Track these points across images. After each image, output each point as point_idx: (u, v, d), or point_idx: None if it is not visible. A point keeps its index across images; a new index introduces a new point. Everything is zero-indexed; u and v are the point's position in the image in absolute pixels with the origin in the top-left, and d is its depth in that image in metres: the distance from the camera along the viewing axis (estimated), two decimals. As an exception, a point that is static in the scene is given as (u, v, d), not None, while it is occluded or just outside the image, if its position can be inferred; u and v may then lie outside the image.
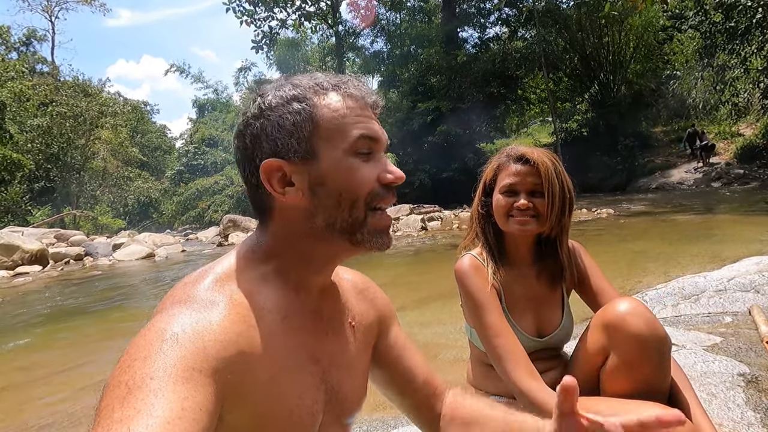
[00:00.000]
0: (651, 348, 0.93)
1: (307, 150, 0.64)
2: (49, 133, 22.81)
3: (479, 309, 1.11)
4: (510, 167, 1.18)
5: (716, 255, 4.72)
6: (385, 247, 0.68)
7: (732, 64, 14.59)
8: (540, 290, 1.21)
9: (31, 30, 32.69)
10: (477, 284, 1.13)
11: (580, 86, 21.79)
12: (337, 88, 0.67)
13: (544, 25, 19.62)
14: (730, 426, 1.46)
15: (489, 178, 1.23)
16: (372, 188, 0.65)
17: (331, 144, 0.64)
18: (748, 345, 2.11)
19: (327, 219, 0.64)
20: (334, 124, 0.64)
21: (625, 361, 0.95)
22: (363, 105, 0.68)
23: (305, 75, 0.69)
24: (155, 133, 37.93)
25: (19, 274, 9.25)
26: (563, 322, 1.20)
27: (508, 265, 1.21)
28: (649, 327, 0.93)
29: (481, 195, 1.24)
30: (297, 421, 0.63)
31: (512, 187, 1.16)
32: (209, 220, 25.01)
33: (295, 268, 0.67)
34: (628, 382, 0.95)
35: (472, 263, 1.16)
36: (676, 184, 15.28)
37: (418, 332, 3.30)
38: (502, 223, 1.18)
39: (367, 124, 0.66)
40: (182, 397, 0.47)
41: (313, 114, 0.64)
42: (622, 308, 0.96)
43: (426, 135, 19.94)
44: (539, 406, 0.97)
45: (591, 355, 1.03)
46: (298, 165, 0.64)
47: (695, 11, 14.30)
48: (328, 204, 0.64)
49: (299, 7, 20.61)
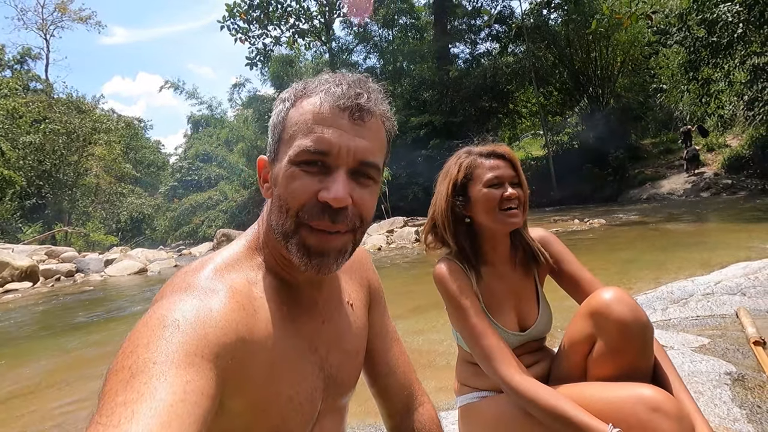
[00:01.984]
0: (635, 334, 0.96)
1: (274, 152, 0.66)
2: (41, 149, 22.74)
3: (462, 311, 1.12)
4: (486, 162, 1.19)
5: (705, 262, 4.79)
6: (313, 269, 0.63)
7: (716, 78, 14.94)
8: (517, 283, 1.23)
9: (26, 48, 32.85)
10: (456, 287, 1.13)
11: (570, 100, 22.19)
12: (319, 91, 0.64)
13: (533, 41, 20.07)
14: (716, 422, 1.48)
15: (458, 178, 1.20)
16: (304, 203, 0.61)
17: (285, 149, 0.64)
18: (735, 346, 2.14)
19: (274, 220, 0.65)
20: (293, 130, 0.64)
21: (610, 347, 0.98)
22: (335, 110, 0.62)
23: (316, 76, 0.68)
24: (149, 149, 37.92)
25: (9, 291, 9.11)
26: (540, 311, 1.22)
27: (485, 264, 1.21)
28: (632, 313, 0.96)
29: (450, 196, 1.20)
30: (296, 407, 0.64)
31: (498, 179, 1.17)
32: (203, 235, 24.88)
33: (276, 261, 0.68)
34: (614, 367, 0.98)
35: (450, 267, 1.17)
36: (667, 194, 15.49)
37: (412, 340, 3.30)
38: (491, 219, 1.17)
39: (322, 134, 0.61)
40: (184, 381, 0.47)
41: (286, 117, 0.66)
42: (607, 296, 1.00)
43: (419, 149, 20.12)
44: (529, 399, 0.99)
45: (578, 343, 1.05)
46: (270, 164, 0.67)
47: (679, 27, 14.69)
48: (274, 207, 0.65)
49: (293, 24, 20.97)
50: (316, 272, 0.63)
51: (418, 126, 20.15)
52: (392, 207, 15.14)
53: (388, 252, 9.90)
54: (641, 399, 0.88)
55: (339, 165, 0.62)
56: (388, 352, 0.88)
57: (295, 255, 0.63)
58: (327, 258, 0.63)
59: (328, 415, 0.72)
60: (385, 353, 0.87)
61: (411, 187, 18.74)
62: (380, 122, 0.66)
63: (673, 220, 9.63)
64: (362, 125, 0.63)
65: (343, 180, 0.61)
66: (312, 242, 0.62)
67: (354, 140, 0.62)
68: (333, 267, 0.64)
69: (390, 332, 0.90)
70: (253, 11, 19.83)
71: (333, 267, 0.64)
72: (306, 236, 0.62)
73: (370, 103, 0.64)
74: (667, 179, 16.47)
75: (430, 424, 0.89)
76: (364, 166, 0.64)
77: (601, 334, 1.00)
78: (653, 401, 0.87)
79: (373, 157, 0.64)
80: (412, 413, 0.89)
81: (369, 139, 0.64)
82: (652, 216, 10.84)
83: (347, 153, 0.62)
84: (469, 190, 1.20)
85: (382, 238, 11.38)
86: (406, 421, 0.88)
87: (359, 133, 0.63)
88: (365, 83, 0.66)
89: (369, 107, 0.64)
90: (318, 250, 0.62)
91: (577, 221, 10.55)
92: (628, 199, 16.50)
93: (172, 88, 38.98)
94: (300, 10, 20.78)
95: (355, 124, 0.63)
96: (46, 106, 24.55)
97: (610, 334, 0.97)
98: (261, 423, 0.61)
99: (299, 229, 0.62)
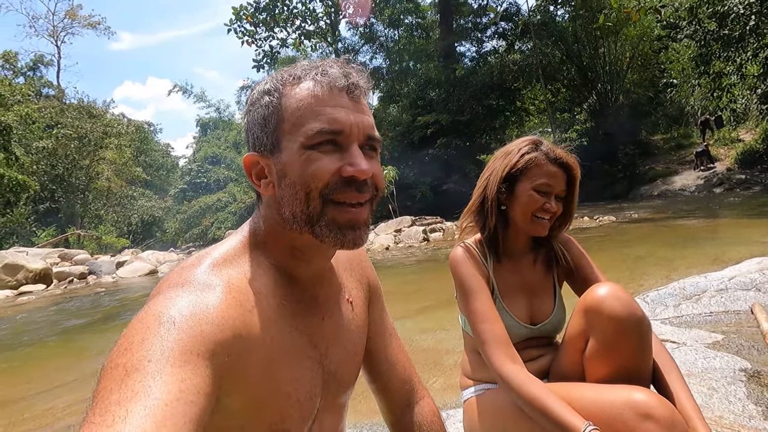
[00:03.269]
0: (628, 329, 0.94)
1: (273, 143, 0.64)
2: (54, 154, 23.13)
3: (469, 295, 1.12)
4: (547, 167, 1.15)
5: (718, 258, 4.70)
6: (350, 243, 0.64)
7: (728, 71, 14.67)
8: (534, 279, 1.23)
9: (38, 56, 33.44)
10: (468, 271, 1.14)
11: (578, 96, 21.96)
12: (310, 76, 0.65)
13: (540, 37, 19.90)
14: (731, 419, 1.44)
15: (517, 167, 1.16)
16: (328, 181, 0.62)
17: (291, 137, 0.63)
18: (751, 342, 2.10)
19: (290, 211, 0.64)
20: (296, 117, 0.63)
21: (603, 344, 0.96)
22: (334, 91, 0.64)
23: (290, 66, 0.69)
24: (159, 152, 38.37)
25: (23, 293, 9.28)
26: (555, 310, 1.21)
27: (505, 254, 1.22)
28: (625, 308, 0.94)
29: (500, 181, 1.17)
30: (295, 404, 0.63)
31: (548, 188, 1.15)
32: (212, 237, 25.12)
33: (282, 256, 0.67)
34: (609, 365, 0.96)
35: (467, 251, 1.17)
36: (678, 190, 15.26)
37: (420, 338, 3.29)
38: (521, 219, 1.16)
39: (332, 114, 0.63)
40: (180, 380, 0.47)
41: (279, 107, 0.64)
42: (601, 292, 0.98)
43: (426, 148, 20.09)
44: (515, 387, 0.99)
45: (574, 340, 1.04)
46: (268, 158, 0.65)
47: (689, 20, 14.44)
48: (288, 196, 0.64)
49: (299, 26, 21.04)
50: (351, 246, 0.64)
51: (425, 125, 20.10)
52: (399, 206, 15.11)
53: (396, 251, 9.89)
54: (631, 404, 0.85)
55: (351, 141, 0.64)
56: (387, 348, 0.88)
57: (326, 236, 0.63)
58: (358, 230, 0.65)
59: (328, 412, 0.71)
60: (384, 350, 0.87)
61: (418, 187, 18.71)
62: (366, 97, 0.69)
63: (685, 217, 9.47)
64: (358, 102, 0.66)
65: (359, 154, 0.63)
66: (342, 218, 0.63)
67: (358, 117, 0.65)
68: (364, 238, 0.66)
69: (389, 328, 0.90)
70: (260, 14, 19.95)
71: (364, 238, 0.66)
72: (335, 214, 0.63)
73: (361, 80, 0.66)
74: (679, 175, 16.24)
75: (431, 416, 0.89)
76: (369, 140, 0.66)
77: (593, 330, 0.98)
78: (644, 407, 0.84)
79: (374, 131, 0.67)
80: (413, 407, 0.89)
81: (367, 114, 0.67)
82: (663, 212, 10.69)
83: (357, 129, 0.64)
84: (517, 181, 1.17)
85: (390, 237, 11.37)
86: (407, 415, 0.88)
87: (358, 109, 0.65)
88: (348, 63, 0.68)
89: (361, 85, 0.66)
90: (350, 225, 0.64)
91: (586, 219, 10.43)
92: (639, 195, 16.30)
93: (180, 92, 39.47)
94: (306, 12, 20.84)
95: (353, 102, 0.65)
96: (58, 112, 24.94)
97: (604, 330, 0.96)
98: (259, 420, 0.60)
99: (326, 209, 0.63)
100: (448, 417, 1.74)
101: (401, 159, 19.69)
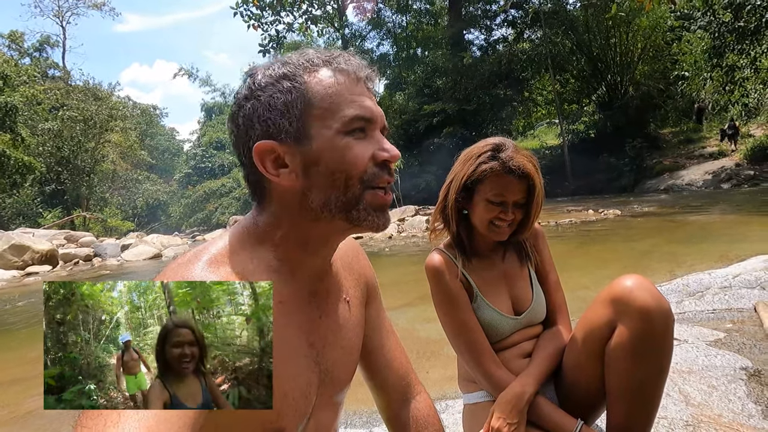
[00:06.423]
0: (657, 321, 0.95)
1: (299, 130, 0.62)
2: (59, 136, 23.19)
3: (449, 306, 1.15)
4: (502, 178, 1.14)
5: (723, 255, 4.66)
6: (382, 226, 0.66)
7: (742, 64, 14.40)
8: (508, 269, 1.25)
9: (45, 36, 33.27)
10: (446, 282, 1.16)
11: (587, 88, 21.67)
12: (328, 64, 0.64)
13: (550, 26, 19.57)
14: (730, 417, 1.44)
15: (473, 177, 1.17)
16: (366, 167, 0.63)
17: (323, 123, 0.62)
18: (753, 341, 2.09)
19: (323, 198, 0.63)
20: (327, 103, 0.62)
21: (631, 333, 0.97)
22: (355, 80, 0.65)
23: (296, 52, 0.67)
24: (164, 136, 38.39)
25: (30, 274, 9.40)
26: (534, 296, 1.23)
27: (475, 253, 1.24)
28: (655, 301, 0.96)
29: (458, 189, 1.19)
30: (291, 403, 0.63)
31: (502, 198, 1.14)
32: (216, 222, 25.26)
33: (291, 249, 0.66)
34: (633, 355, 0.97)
35: (442, 260, 1.19)
36: (686, 185, 15.11)
37: (420, 328, 3.30)
38: (482, 227, 1.18)
39: (361, 102, 0.64)
40: None
41: (305, 92, 0.62)
42: (629, 283, 0.99)
43: (432, 137, 19.95)
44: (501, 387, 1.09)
45: (596, 329, 1.04)
46: (290, 146, 0.62)
47: (704, 11, 14.16)
48: (322, 183, 0.62)
49: (306, 10, 20.80)
50: (383, 228, 0.67)
51: (431, 114, 19.94)
52: (403, 195, 15.09)
53: (399, 240, 9.90)
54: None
55: (377, 128, 0.66)
56: (384, 346, 0.88)
57: (364, 220, 0.65)
58: (388, 213, 0.68)
59: (323, 410, 0.71)
60: (381, 348, 0.87)
61: (423, 176, 18.64)
62: None
63: (692, 212, 9.40)
64: (371, 92, 0.68)
65: (386, 140, 0.67)
66: (377, 202, 0.65)
67: (377, 106, 0.68)
68: (390, 220, 0.70)
69: (386, 326, 0.90)
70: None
71: (390, 220, 0.70)
72: (371, 198, 0.65)
73: (373, 72, 0.69)
74: (687, 170, 16.05)
75: (428, 410, 0.90)
76: (384, 129, 0.69)
77: (622, 320, 0.99)
78: None
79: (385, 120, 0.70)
80: (409, 403, 0.89)
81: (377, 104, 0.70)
82: (670, 207, 10.61)
83: (381, 117, 0.67)
84: (475, 188, 1.18)
85: (393, 226, 11.36)
86: (404, 411, 0.89)
87: (372, 98, 0.68)
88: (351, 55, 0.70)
89: (374, 77, 0.69)
90: (382, 208, 0.67)
91: (591, 212, 10.37)
92: (645, 189, 16.16)
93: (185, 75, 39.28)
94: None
95: (369, 91, 0.68)
96: (64, 93, 24.94)
97: (633, 320, 0.97)
98: (254, 418, 0.60)
99: (364, 193, 0.64)
100: (447, 407, 1.75)
101: (406, 148, 19.60)
